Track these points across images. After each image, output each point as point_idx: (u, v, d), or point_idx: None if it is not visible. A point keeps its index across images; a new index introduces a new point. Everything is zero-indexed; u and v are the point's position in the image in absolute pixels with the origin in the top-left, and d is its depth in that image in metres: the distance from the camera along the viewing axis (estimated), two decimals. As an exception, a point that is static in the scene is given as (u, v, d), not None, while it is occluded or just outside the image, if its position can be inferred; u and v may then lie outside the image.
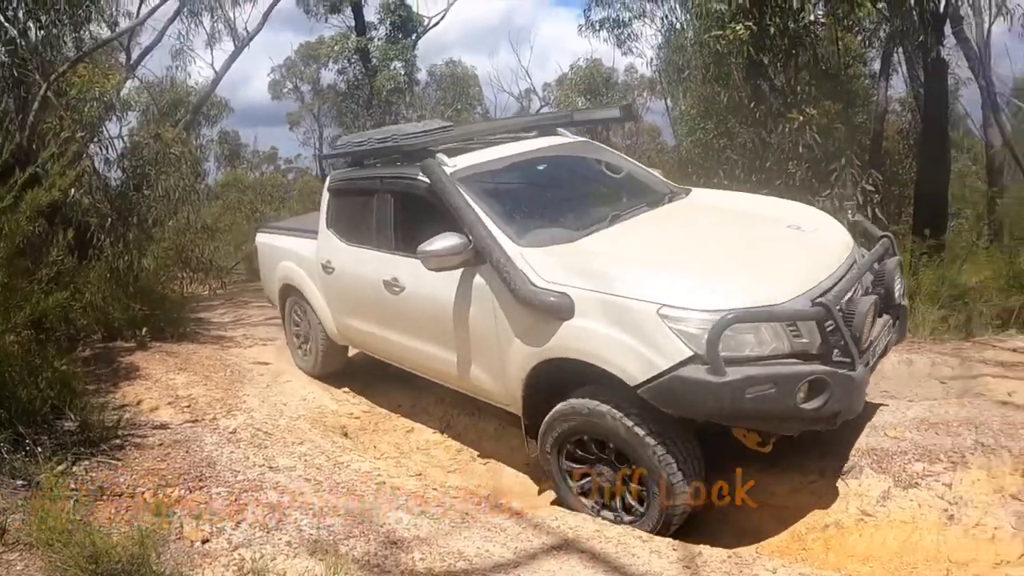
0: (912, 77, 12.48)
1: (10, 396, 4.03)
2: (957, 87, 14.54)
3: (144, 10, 12.06)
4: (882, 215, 8.47)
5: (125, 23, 12.10)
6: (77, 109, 8.52)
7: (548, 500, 4.19)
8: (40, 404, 4.15)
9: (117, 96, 9.83)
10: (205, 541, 3.27)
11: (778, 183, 8.28)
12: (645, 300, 3.36)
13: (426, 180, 4.45)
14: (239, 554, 3.18)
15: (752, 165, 9.04)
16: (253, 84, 43.00)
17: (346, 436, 5.16)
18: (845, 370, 3.28)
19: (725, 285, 3.43)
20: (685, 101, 13.05)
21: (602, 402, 3.55)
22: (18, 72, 7.95)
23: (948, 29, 10.32)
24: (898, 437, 3.99)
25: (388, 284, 4.77)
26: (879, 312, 3.82)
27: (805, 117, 8.33)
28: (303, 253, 5.87)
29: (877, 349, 3.72)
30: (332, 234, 5.46)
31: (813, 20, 8.75)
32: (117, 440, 4.27)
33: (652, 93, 24.75)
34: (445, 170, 4.42)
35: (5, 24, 7.84)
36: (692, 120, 11.80)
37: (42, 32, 8.37)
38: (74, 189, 7.68)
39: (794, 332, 3.32)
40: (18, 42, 8.00)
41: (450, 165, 4.52)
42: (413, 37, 23.60)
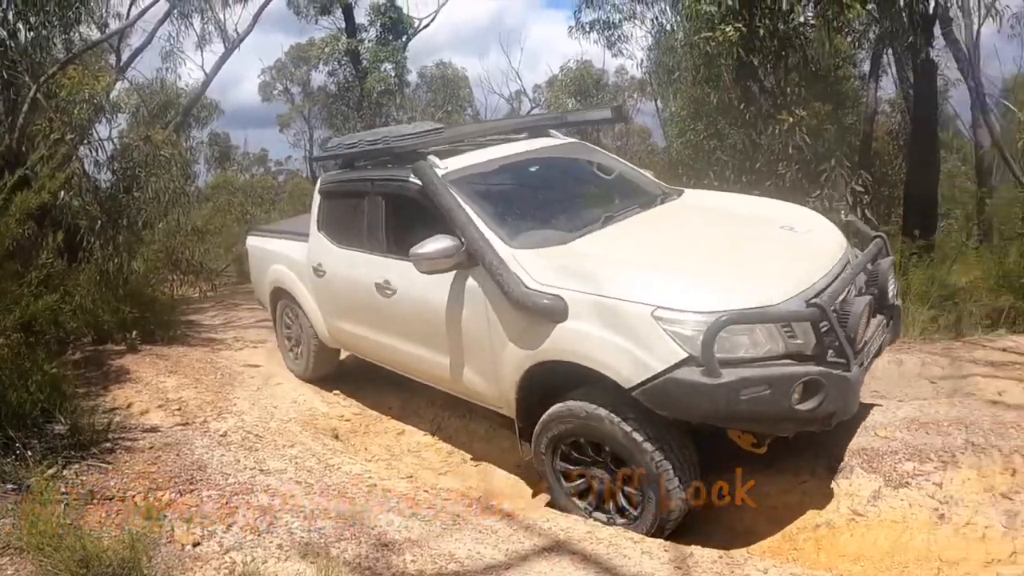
0: (902, 78, 12.60)
1: (0, 400, 4.01)
2: (946, 88, 14.61)
3: (134, 11, 12.07)
4: (872, 216, 8.51)
5: (115, 24, 12.17)
6: (67, 111, 8.49)
7: (542, 503, 4.15)
8: (30, 407, 4.13)
9: (107, 98, 9.80)
10: (196, 544, 3.26)
11: (768, 184, 8.29)
12: (639, 302, 3.35)
13: (418, 182, 4.43)
14: (230, 557, 3.17)
15: (742, 166, 9.04)
16: (243, 86, 43.00)
17: (337, 438, 5.15)
18: (840, 371, 3.28)
19: (719, 286, 3.42)
20: (675, 102, 13.05)
21: (600, 406, 3.52)
22: (7, 74, 7.96)
23: (937, 30, 10.37)
24: (888, 437, 4.01)
25: (380, 287, 4.74)
26: (873, 312, 3.82)
27: (795, 118, 8.34)
28: (294, 256, 5.83)
29: (871, 349, 3.72)
30: (323, 237, 5.42)
31: (803, 22, 8.77)
32: (107, 443, 4.25)
33: (642, 94, 24.93)
34: (437, 172, 4.39)
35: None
36: (682, 121, 11.76)
37: (32, 33, 8.37)
38: (64, 191, 7.66)
39: (789, 333, 3.32)
40: (7, 44, 8.00)
41: (442, 167, 4.49)
42: (403, 39, 23.61)
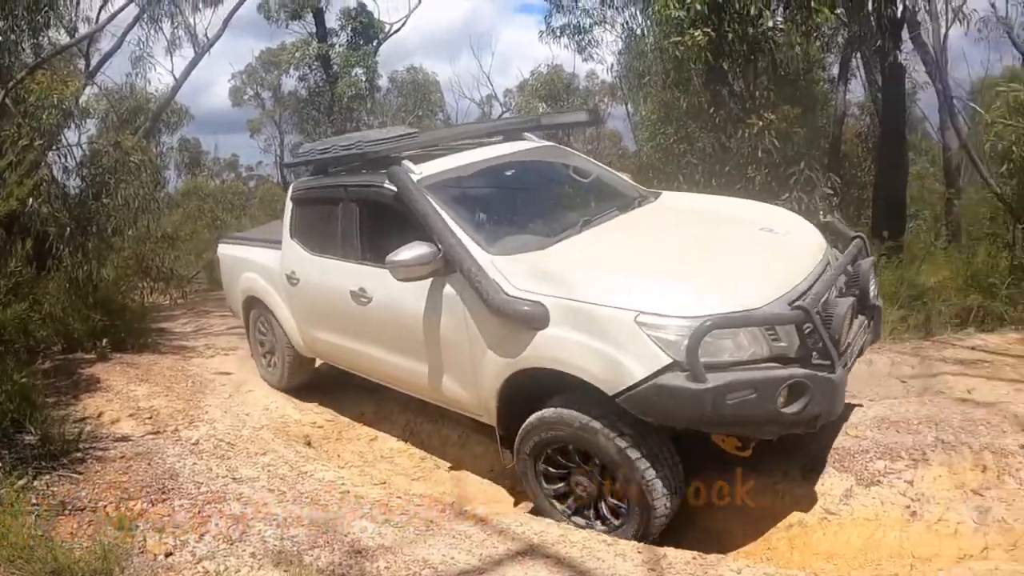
0: (870, 82, 12.69)
1: (-32, 410, 3.99)
2: (915, 91, 14.77)
3: (104, 16, 11.99)
4: (841, 217, 8.60)
5: (84, 29, 12.05)
6: (35, 116, 8.36)
7: (525, 512, 4.15)
8: (0, 418, 4.10)
9: (76, 103, 9.71)
10: (168, 554, 3.26)
11: (738, 187, 8.27)
12: (621, 307, 3.32)
13: (392, 188, 4.37)
14: (203, 567, 3.18)
15: (712, 170, 9.05)
16: (214, 91, 42.68)
17: (309, 445, 5.14)
18: (824, 372, 3.27)
19: (702, 290, 3.40)
20: (646, 106, 13.06)
21: (594, 418, 3.46)
22: (-26, 80, 7.86)
23: (905, 34, 10.41)
24: (859, 436, 4.05)
25: (355, 295, 4.69)
26: (855, 313, 3.81)
27: (764, 122, 8.37)
28: (267, 264, 5.76)
29: (854, 350, 3.73)
30: (296, 244, 5.37)
31: (771, 26, 8.79)
32: (78, 453, 4.23)
33: (613, 99, 25.00)
34: (412, 177, 4.34)
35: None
36: (653, 125, 11.76)
37: (0, 38, 8.27)
38: (32, 198, 7.56)
39: (772, 336, 3.31)
40: (-26, 48, 7.90)
41: (417, 172, 4.43)
42: (374, 43, 23.62)
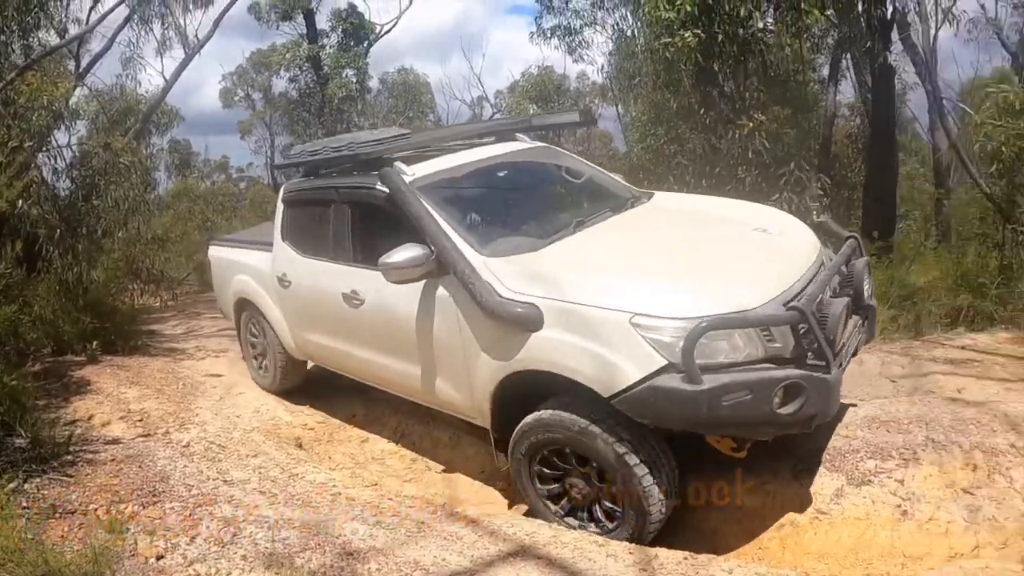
0: (860, 82, 12.74)
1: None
2: (904, 92, 14.80)
3: (94, 17, 11.93)
4: (831, 218, 8.62)
5: (74, 30, 11.98)
6: (25, 118, 8.35)
7: (520, 513, 4.15)
8: (-11, 421, 4.10)
9: (66, 104, 9.66)
10: (160, 557, 3.25)
11: (728, 188, 8.28)
12: (616, 309, 3.31)
13: (385, 189, 4.35)
14: (194, 569, 3.18)
15: (702, 171, 9.05)
16: (204, 92, 42.23)
17: (300, 447, 5.15)
18: (820, 373, 3.25)
19: (697, 291, 3.39)
20: (636, 107, 13.03)
21: (593, 422, 3.43)
22: (-36, 81, 7.83)
23: (895, 35, 10.49)
24: (850, 436, 4.06)
25: (347, 297, 4.67)
26: (850, 313, 3.81)
27: (754, 123, 8.36)
28: (258, 266, 5.75)
29: (849, 351, 3.72)
30: (288, 246, 5.35)
31: (762, 27, 8.78)
32: (69, 456, 4.21)
33: (603, 100, 24.96)
34: (404, 179, 4.32)
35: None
36: (643, 126, 11.74)
37: (-11, 39, 8.25)
38: (22, 200, 7.55)
39: (767, 337, 3.31)
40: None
41: (409, 173, 4.41)
42: (365, 45, 23.59)
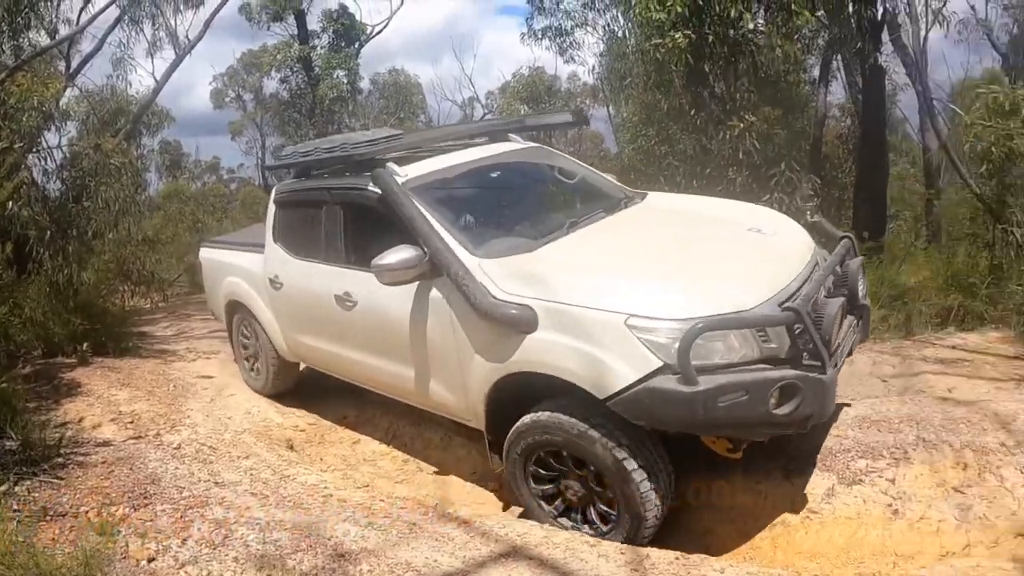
0: (851, 83, 12.80)
1: (-51, 415, 3.96)
2: (895, 92, 14.87)
3: (84, 17, 11.90)
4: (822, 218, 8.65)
5: (65, 30, 11.94)
6: (15, 119, 8.29)
7: (515, 515, 4.15)
8: (-21, 424, 4.09)
9: (56, 105, 9.59)
10: (151, 560, 3.25)
11: (719, 189, 8.28)
12: (611, 310, 3.30)
13: (377, 190, 4.33)
14: (186, 572, 3.18)
15: (693, 171, 9.06)
16: (195, 92, 42.22)
17: (292, 449, 5.15)
18: (815, 373, 3.25)
19: (692, 292, 3.38)
20: (627, 108, 13.08)
21: (592, 426, 3.41)
22: (-47, 82, 7.79)
23: (886, 36, 10.48)
24: (841, 435, 4.07)
25: (340, 299, 4.66)
26: (845, 313, 3.80)
27: (745, 124, 8.40)
28: (249, 268, 5.73)
29: (844, 351, 3.72)
30: (279, 248, 5.34)
31: (752, 28, 8.80)
32: (59, 459, 4.20)
33: (594, 100, 25.01)
34: (397, 179, 4.30)
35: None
36: (634, 127, 11.78)
37: (-21, 40, 8.22)
38: (12, 201, 7.52)
39: (763, 337, 3.30)
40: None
41: (401, 174, 4.39)
42: (356, 45, 23.62)
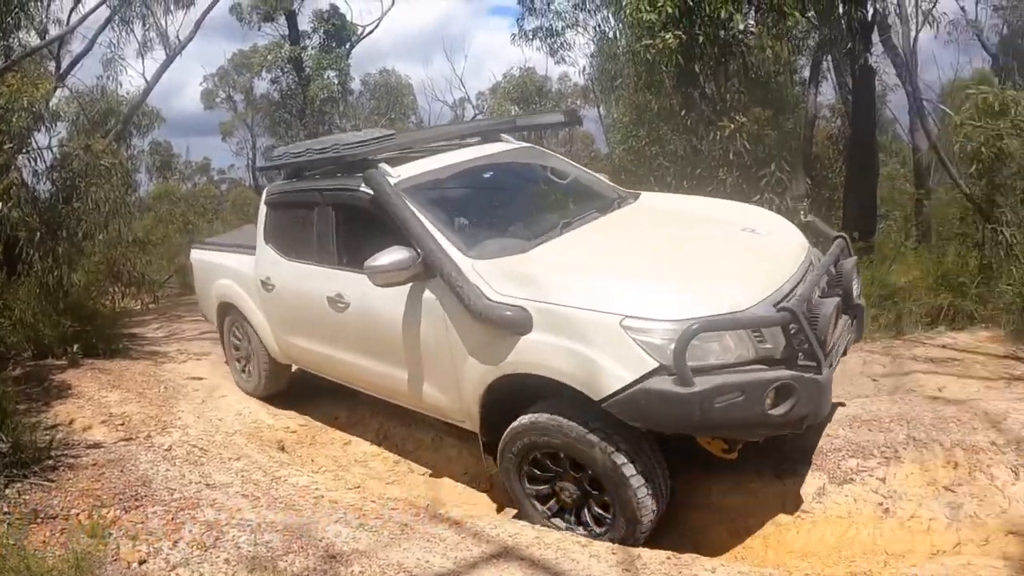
0: (841, 84, 12.90)
1: (-62, 418, 3.95)
2: (885, 93, 15.01)
3: (75, 17, 11.89)
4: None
5: (55, 31, 11.92)
6: (5, 119, 8.26)
7: (504, 514, 4.16)
8: (-31, 426, 4.07)
9: (46, 106, 9.57)
10: (142, 562, 3.25)
11: (709, 189, 8.30)
12: (606, 312, 3.29)
13: (369, 191, 4.31)
14: (177, 574, 3.18)
15: (683, 172, 9.11)
16: (185, 93, 42.01)
17: (283, 450, 5.14)
18: (811, 374, 3.24)
19: (687, 293, 3.38)
20: (617, 109, 13.15)
21: (591, 431, 3.40)
22: (-58, 82, 7.76)
23: (876, 37, 10.53)
24: (831, 435, 4.08)
25: (332, 301, 4.64)
26: (840, 313, 3.78)
27: (735, 124, 8.44)
28: (241, 269, 5.71)
29: (839, 350, 3.72)
30: (271, 249, 5.32)
31: (743, 29, 8.84)
32: (50, 461, 4.19)
33: (585, 101, 25.14)
34: (389, 180, 4.28)
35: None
36: (624, 128, 11.87)
37: (-32, 40, 8.19)
38: (2, 202, 7.49)
39: (758, 338, 3.30)
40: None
41: (394, 175, 4.37)
42: (347, 46, 23.65)
